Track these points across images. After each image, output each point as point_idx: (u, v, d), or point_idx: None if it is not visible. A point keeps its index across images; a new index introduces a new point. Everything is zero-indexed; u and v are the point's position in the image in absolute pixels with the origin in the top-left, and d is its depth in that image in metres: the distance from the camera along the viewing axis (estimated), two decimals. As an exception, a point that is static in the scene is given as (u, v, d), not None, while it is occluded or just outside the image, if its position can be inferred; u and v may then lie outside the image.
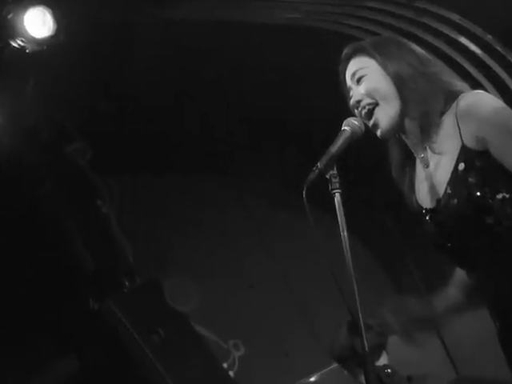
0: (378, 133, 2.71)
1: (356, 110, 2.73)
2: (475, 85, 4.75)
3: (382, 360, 4.68)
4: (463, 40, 5.22)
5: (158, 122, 5.99)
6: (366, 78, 2.70)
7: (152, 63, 5.53)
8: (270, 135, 6.44)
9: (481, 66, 5.26)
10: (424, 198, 2.72)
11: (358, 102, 2.71)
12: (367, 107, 2.69)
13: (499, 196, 2.50)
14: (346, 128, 2.65)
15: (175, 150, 6.21)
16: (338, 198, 2.53)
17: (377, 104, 2.68)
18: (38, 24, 4.66)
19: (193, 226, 6.50)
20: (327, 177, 2.55)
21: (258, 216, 6.83)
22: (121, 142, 5.86)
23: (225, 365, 6.06)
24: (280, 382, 5.96)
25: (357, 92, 2.72)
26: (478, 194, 2.50)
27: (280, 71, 5.73)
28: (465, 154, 2.54)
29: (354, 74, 2.73)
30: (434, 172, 2.66)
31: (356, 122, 2.66)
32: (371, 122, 2.70)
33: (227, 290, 6.30)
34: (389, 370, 4.63)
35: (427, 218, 2.68)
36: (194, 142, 6.21)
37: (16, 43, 4.65)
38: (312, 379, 5.66)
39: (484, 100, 2.61)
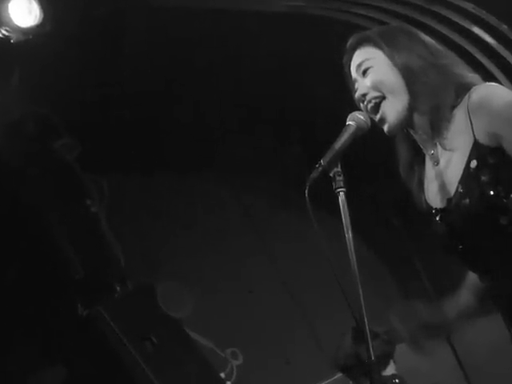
0: (385, 128, 2.71)
1: (361, 104, 2.73)
2: (488, 76, 4.76)
3: (390, 369, 4.70)
4: (476, 30, 5.22)
5: (148, 112, 6.00)
6: (373, 70, 2.70)
7: (143, 52, 5.55)
8: (269, 126, 6.45)
9: (494, 57, 5.26)
10: (434, 197, 2.73)
11: (364, 95, 2.71)
12: (373, 101, 2.69)
13: (514, 195, 2.51)
14: (350, 123, 2.65)
15: (167, 145, 6.22)
16: (342, 197, 2.53)
17: (384, 97, 2.67)
18: (23, 12, 4.67)
19: (187, 226, 6.50)
20: (331, 175, 2.55)
21: (257, 216, 6.83)
22: (111, 137, 5.87)
23: (222, 375, 6.07)
24: (281, 393, 5.98)
25: (362, 85, 2.72)
26: (492, 192, 2.50)
27: (282, 60, 5.76)
28: (477, 150, 2.54)
29: (359, 66, 2.73)
30: (445, 170, 2.66)
31: (361, 117, 2.67)
32: (378, 117, 2.70)
33: (224, 295, 6.31)
34: (396, 381, 4.65)
35: (437, 218, 2.68)
36: (187, 134, 6.22)
37: (0, 33, 4.66)
38: (315, 390, 5.68)
39: (497, 93, 2.61)
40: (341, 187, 2.54)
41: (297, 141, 6.57)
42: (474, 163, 2.54)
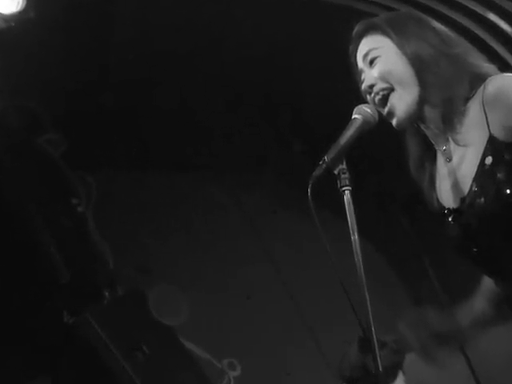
0: (394, 122, 2.71)
1: (368, 96, 2.74)
2: (503, 66, 4.75)
3: (398, 381, 4.70)
4: (491, 16, 5.21)
5: (134, 101, 6.02)
6: (380, 60, 2.70)
7: (128, 38, 5.57)
8: (265, 119, 6.46)
9: (510, 44, 5.26)
10: (446, 196, 2.73)
11: (371, 86, 2.71)
12: (381, 93, 2.69)
13: (532, 194, 2.51)
14: (357, 117, 2.65)
15: (157, 138, 6.22)
16: (347, 196, 2.53)
17: (392, 89, 2.68)
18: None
19: (180, 226, 6.50)
20: (335, 172, 2.55)
21: (256, 217, 6.83)
22: (97, 130, 5.88)
23: (219, 387, 6.08)
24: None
25: (369, 75, 2.72)
26: (508, 191, 2.50)
27: (283, 46, 5.79)
28: (493, 145, 2.54)
29: (366, 55, 2.74)
30: (458, 167, 2.66)
31: (368, 110, 2.67)
32: (386, 110, 2.70)
33: (221, 302, 6.31)
34: (405, 392, 4.65)
35: (450, 219, 2.69)
36: (176, 124, 6.23)
37: (-20, 20, 4.67)
38: (318, 403, 5.69)
39: (514, 84, 2.61)
40: (346, 185, 2.53)
41: (289, 127, 6.57)
42: (489, 160, 2.54)
